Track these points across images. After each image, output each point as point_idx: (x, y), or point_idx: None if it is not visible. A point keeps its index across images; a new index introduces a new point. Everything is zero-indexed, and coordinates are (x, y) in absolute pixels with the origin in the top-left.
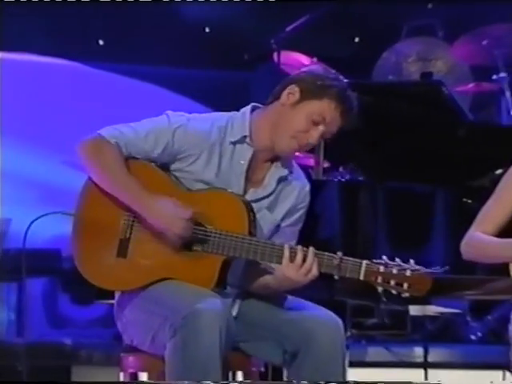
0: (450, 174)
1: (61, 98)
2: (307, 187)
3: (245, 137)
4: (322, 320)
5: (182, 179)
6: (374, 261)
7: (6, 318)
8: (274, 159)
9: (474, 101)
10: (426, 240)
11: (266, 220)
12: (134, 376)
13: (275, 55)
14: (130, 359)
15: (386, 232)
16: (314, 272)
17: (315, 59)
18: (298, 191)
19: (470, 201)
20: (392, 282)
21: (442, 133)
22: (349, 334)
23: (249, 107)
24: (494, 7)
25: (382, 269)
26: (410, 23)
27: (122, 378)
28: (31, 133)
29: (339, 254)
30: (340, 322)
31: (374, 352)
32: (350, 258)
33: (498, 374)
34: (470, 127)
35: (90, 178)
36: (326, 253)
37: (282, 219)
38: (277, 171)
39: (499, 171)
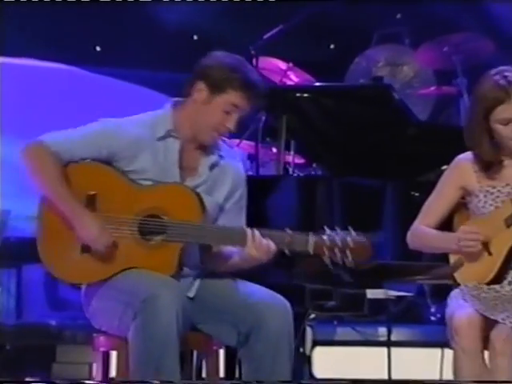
0: (400, 169)
1: (59, 98)
2: (240, 166)
3: (169, 131)
4: (272, 304)
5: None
6: (321, 234)
7: (6, 301)
8: (203, 147)
9: (438, 103)
10: (378, 229)
11: (207, 203)
12: (106, 354)
13: (254, 61)
14: (101, 339)
15: (341, 222)
16: (273, 249)
17: (291, 64)
18: (232, 173)
19: (417, 194)
20: (337, 252)
21: (392, 132)
22: (313, 315)
23: (169, 103)
24: (454, 17)
25: (327, 242)
26: (380, 31)
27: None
28: (31, 130)
29: (289, 231)
30: (288, 305)
31: (342, 332)
32: (299, 234)
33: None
34: (417, 127)
35: None
36: (277, 231)
37: (226, 200)
38: (207, 159)
39: (444, 167)
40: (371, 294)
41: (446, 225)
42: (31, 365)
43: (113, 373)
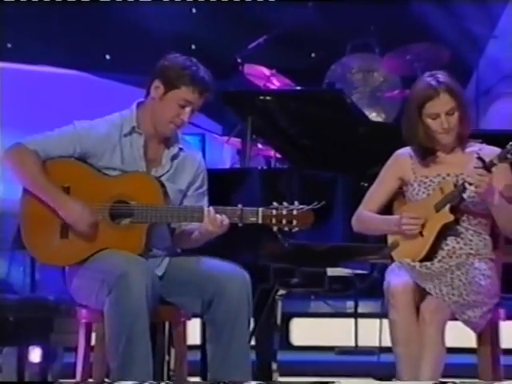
0: (352, 163)
1: (72, 103)
2: (199, 156)
3: (133, 127)
4: (232, 274)
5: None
6: (268, 207)
7: (22, 279)
8: (165, 141)
9: (403, 104)
10: (331, 215)
11: (170, 190)
12: (88, 325)
13: (240, 67)
14: (84, 312)
15: None
16: (226, 223)
17: (274, 71)
18: (192, 163)
19: (366, 184)
20: (284, 221)
21: (344, 130)
22: (281, 292)
23: (135, 103)
24: (416, 30)
25: (274, 212)
26: (354, 42)
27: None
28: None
29: (240, 206)
30: (247, 275)
31: (316, 305)
32: (249, 208)
33: None
34: (367, 126)
35: None
36: (229, 207)
37: (189, 187)
38: (169, 151)
39: None
40: (331, 271)
41: (386, 210)
42: (31, 334)
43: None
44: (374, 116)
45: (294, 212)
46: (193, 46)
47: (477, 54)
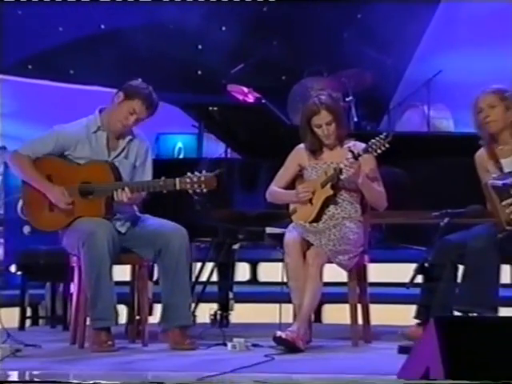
0: (273, 153)
1: None
2: (143, 139)
3: (99, 127)
4: (175, 231)
5: (73, 159)
6: (183, 176)
7: None
8: (121, 134)
9: None
10: (257, 192)
11: (125, 164)
12: (79, 268)
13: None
14: (74, 258)
15: (240, 184)
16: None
17: (251, 89)
18: (138, 143)
19: None
20: (195, 186)
21: (269, 131)
22: (237, 245)
23: (97, 109)
24: (351, 60)
25: (188, 180)
26: (309, 69)
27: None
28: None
29: (162, 178)
30: (185, 232)
31: (275, 253)
32: (169, 179)
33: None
34: (285, 128)
35: None
36: (152, 180)
37: (136, 160)
38: (123, 139)
39: None
40: (269, 230)
41: (291, 187)
42: (56, 274)
43: None
44: None
45: (202, 178)
46: (199, 72)
47: (394, 75)
